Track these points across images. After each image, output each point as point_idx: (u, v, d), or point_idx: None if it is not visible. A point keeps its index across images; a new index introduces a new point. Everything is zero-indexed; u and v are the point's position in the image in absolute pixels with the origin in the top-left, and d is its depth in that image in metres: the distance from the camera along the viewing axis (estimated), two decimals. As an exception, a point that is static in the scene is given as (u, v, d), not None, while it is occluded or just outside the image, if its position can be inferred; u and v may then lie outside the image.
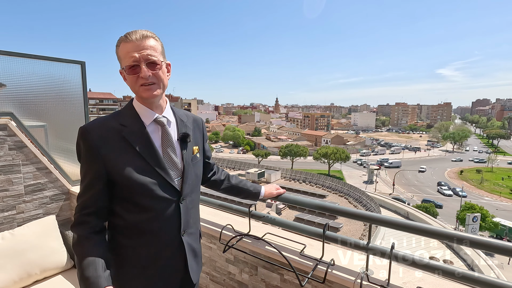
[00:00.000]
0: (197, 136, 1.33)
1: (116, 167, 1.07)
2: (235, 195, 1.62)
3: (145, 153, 1.11)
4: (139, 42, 1.06)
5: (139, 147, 1.10)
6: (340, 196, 27.98)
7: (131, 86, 1.11)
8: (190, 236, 1.26)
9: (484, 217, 25.29)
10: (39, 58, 2.55)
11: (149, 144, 1.12)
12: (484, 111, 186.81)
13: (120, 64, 1.11)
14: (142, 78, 1.06)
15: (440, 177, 50.58)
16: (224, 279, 2.00)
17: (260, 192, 1.63)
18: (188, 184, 1.22)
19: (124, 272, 1.15)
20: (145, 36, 1.07)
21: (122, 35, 1.09)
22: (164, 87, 1.15)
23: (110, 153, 1.07)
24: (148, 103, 1.14)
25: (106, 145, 1.07)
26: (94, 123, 1.10)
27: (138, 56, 1.05)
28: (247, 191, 1.61)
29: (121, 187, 1.09)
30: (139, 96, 1.12)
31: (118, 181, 1.08)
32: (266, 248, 1.72)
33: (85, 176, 1.10)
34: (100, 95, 71.64)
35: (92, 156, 1.07)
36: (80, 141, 1.08)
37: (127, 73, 1.08)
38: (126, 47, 1.06)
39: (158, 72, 1.10)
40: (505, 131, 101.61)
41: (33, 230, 2.30)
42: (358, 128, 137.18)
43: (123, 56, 1.07)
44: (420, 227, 1.32)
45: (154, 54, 1.08)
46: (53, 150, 2.75)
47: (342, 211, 1.56)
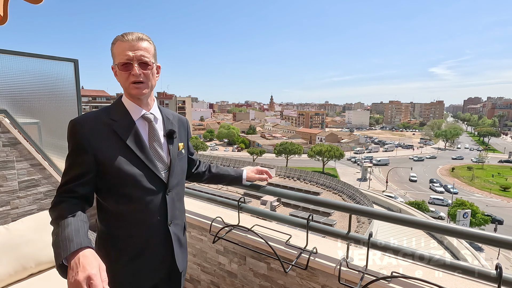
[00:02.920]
0: (182, 134, 1.41)
1: (106, 159, 1.13)
2: (219, 183, 1.69)
3: (134, 146, 1.17)
4: (134, 42, 1.14)
5: (128, 140, 1.17)
6: (334, 193, 28.24)
7: (122, 82, 1.18)
8: (176, 227, 1.33)
9: (475, 213, 25.83)
10: (33, 56, 2.58)
11: (138, 138, 1.19)
12: (476, 109, 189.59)
13: (114, 60, 1.18)
14: (133, 76, 1.14)
15: (432, 174, 51.36)
16: (215, 270, 2.08)
17: (242, 176, 1.69)
18: (174, 177, 1.29)
19: (113, 261, 1.20)
20: (140, 38, 1.16)
21: (117, 34, 1.17)
22: (152, 87, 1.23)
23: (100, 145, 1.13)
24: (136, 99, 1.22)
25: (97, 137, 1.13)
26: (84, 117, 1.16)
27: (132, 55, 1.13)
28: (229, 176, 1.68)
29: (111, 177, 1.15)
30: (128, 92, 1.20)
31: (108, 172, 1.14)
32: (254, 238, 1.81)
33: (71, 166, 1.13)
34: (93, 93, 70.84)
35: (82, 147, 1.11)
36: (71, 133, 1.13)
37: (119, 69, 1.15)
38: (122, 45, 1.14)
39: (148, 73, 1.18)
40: (496, 129, 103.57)
41: (27, 225, 2.35)
42: (352, 126, 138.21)
43: (117, 54, 1.14)
44: (396, 216, 1.42)
45: (147, 55, 1.16)
46: (47, 146, 2.78)
47: (323, 202, 1.65)
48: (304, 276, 1.62)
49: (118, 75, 1.17)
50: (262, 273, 1.81)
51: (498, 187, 43.89)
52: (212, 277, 2.12)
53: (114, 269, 1.20)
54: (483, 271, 1.20)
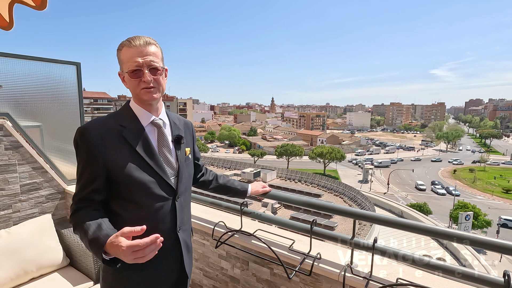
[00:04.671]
0: (188, 139, 1.40)
1: (116, 166, 1.11)
2: (224, 194, 1.72)
3: (143, 153, 1.16)
4: (142, 48, 1.12)
5: (138, 146, 1.15)
6: (335, 196, 28.15)
7: (132, 88, 1.16)
8: (184, 233, 1.33)
9: (477, 215, 25.70)
10: (35, 59, 2.59)
11: (148, 144, 1.18)
12: (477, 111, 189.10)
13: (121, 67, 1.16)
14: (144, 82, 1.13)
15: (434, 176, 51.18)
16: (217, 274, 2.07)
17: (247, 190, 1.72)
18: (183, 183, 1.29)
19: (123, 270, 1.17)
20: (148, 43, 1.14)
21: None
22: (163, 91, 1.22)
23: (110, 152, 1.11)
24: (146, 105, 1.21)
25: (106, 144, 1.11)
26: (93, 123, 1.14)
27: (141, 61, 1.11)
28: (235, 189, 1.70)
29: (120, 185, 1.14)
30: (139, 98, 1.18)
31: (118, 179, 1.12)
32: (257, 243, 1.80)
33: (82, 174, 1.13)
34: (94, 94, 71.08)
35: (92, 155, 1.10)
36: (80, 140, 1.11)
37: (130, 76, 1.13)
38: (129, 52, 1.12)
39: (159, 78, 1.17)
40: (498, 130, 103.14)
41: (29, 229, 2.34)
42: (353, 127, 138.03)
43: (125, 60, 1.13)
44: (401, 222, 1.40)
45: (156, 60, 1.15)
46: (49, 150, 2.78)
47: (328, 207, 1.64)
48: (307, 282, 1.60)
49: (128, 82, 1.16)
50: (265, 278, 1.79)
51: (500, 189, 43.69)
52: (214, 282, 2.10)
53: (124, 278, 1.20)
54: (490, 278, 1.18)
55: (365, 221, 1.52)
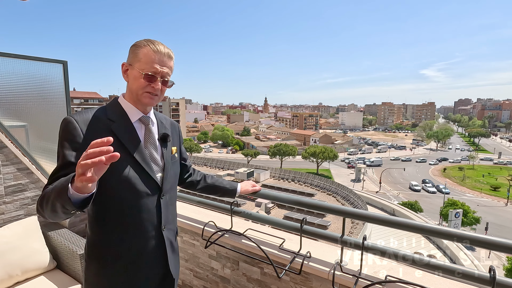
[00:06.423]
0: (174, 138, 1.40)
1: None
2: (213, 194, 1.70)
3: (131, 148, 1.15)
4: (165, 58, 1.16)
5: (126, 141, 1.15)
6: (328, 195, 28.35)
7: (137, 88, 1.16)
8: (169, 232, 1.31)
9: (466, 213, 26.18)
10: (20, 57, 2.52)
11: (135, 139, 1.18)
12: (466, 110, 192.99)
13: (135, 63, 1.15)
14: (152, 88, 1.16)
15: (424, 175, 51.99)
16: (207, 275, 2.05)
17: (236, 189, 1.70)
18: (168, 181, 1.28)
19: (105, 268, 1.18)
20: (170, 56, 1.20)
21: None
22: (161, 99, 1.26)
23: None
24: (138, 103, 1.21)
25: (92, 135, 1.07)
26: (81, 113, 1.12)
27: (159, 70, 1.15)
28: (224, 188, 1.68)
29: (102, 179, 1.10)
30: (139, 99, 1.19)
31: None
32: (247, 243, 1.78)
33: (63, 157, 1.05)
34: (85, 95, 69.89)
35: (76, 143, 1.05)
36: (65, 130, 1.07)
37: (143, 78, 1.14)
38: (152, 56, 1.13)
39: (165, 89, 1.22)
40: (486, 129, 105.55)
41: (14, 231, 2.27)
42: (345, 127, 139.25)
43: (144, 61, 1.13)
44: (391, 219, 1.41)
45: (170, 74, 1.20)
46: (34, 150, 2.71)
47: (317, 205, 1.64)
48: (297, 281, 1.60)
49: (133, 79, 1.16)
50: (255, 278, 1.78)
51: (488, 187, 44.65)
52: (204, 282, 2.08)
53: (106, 277, 1.19)
54: (477, 274, 1.19)
55: (355, 219, 1.52)
